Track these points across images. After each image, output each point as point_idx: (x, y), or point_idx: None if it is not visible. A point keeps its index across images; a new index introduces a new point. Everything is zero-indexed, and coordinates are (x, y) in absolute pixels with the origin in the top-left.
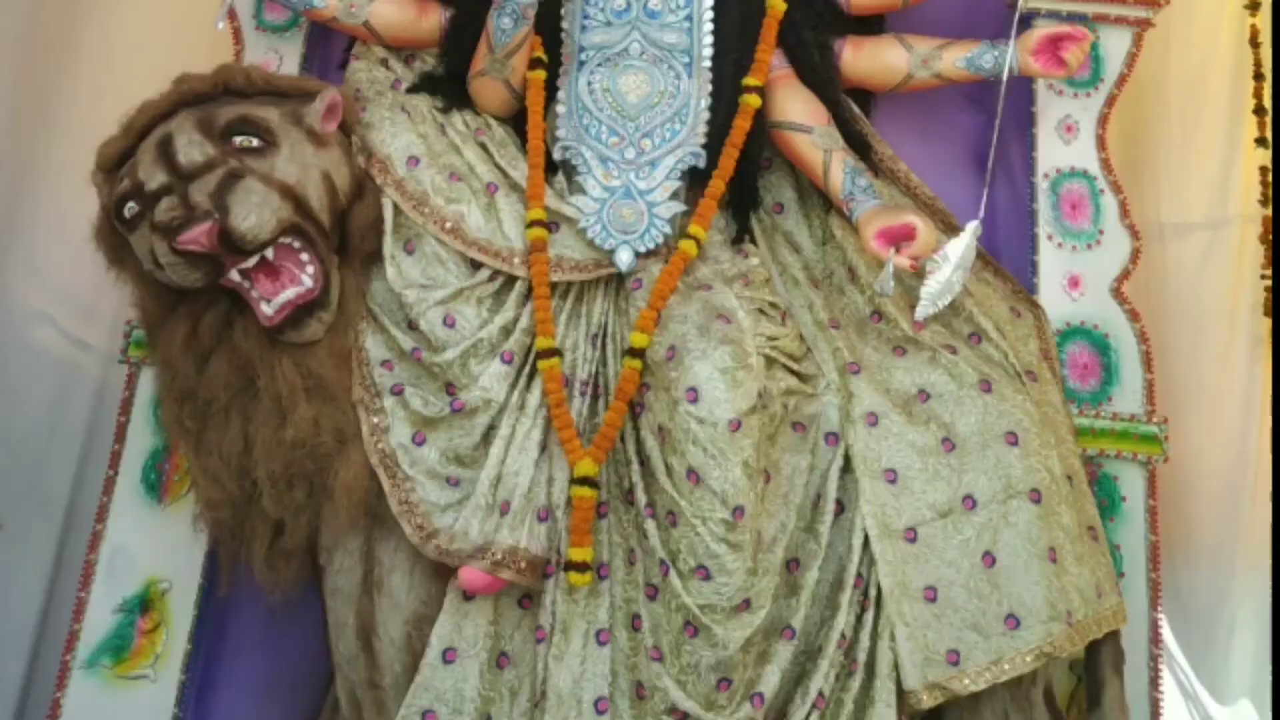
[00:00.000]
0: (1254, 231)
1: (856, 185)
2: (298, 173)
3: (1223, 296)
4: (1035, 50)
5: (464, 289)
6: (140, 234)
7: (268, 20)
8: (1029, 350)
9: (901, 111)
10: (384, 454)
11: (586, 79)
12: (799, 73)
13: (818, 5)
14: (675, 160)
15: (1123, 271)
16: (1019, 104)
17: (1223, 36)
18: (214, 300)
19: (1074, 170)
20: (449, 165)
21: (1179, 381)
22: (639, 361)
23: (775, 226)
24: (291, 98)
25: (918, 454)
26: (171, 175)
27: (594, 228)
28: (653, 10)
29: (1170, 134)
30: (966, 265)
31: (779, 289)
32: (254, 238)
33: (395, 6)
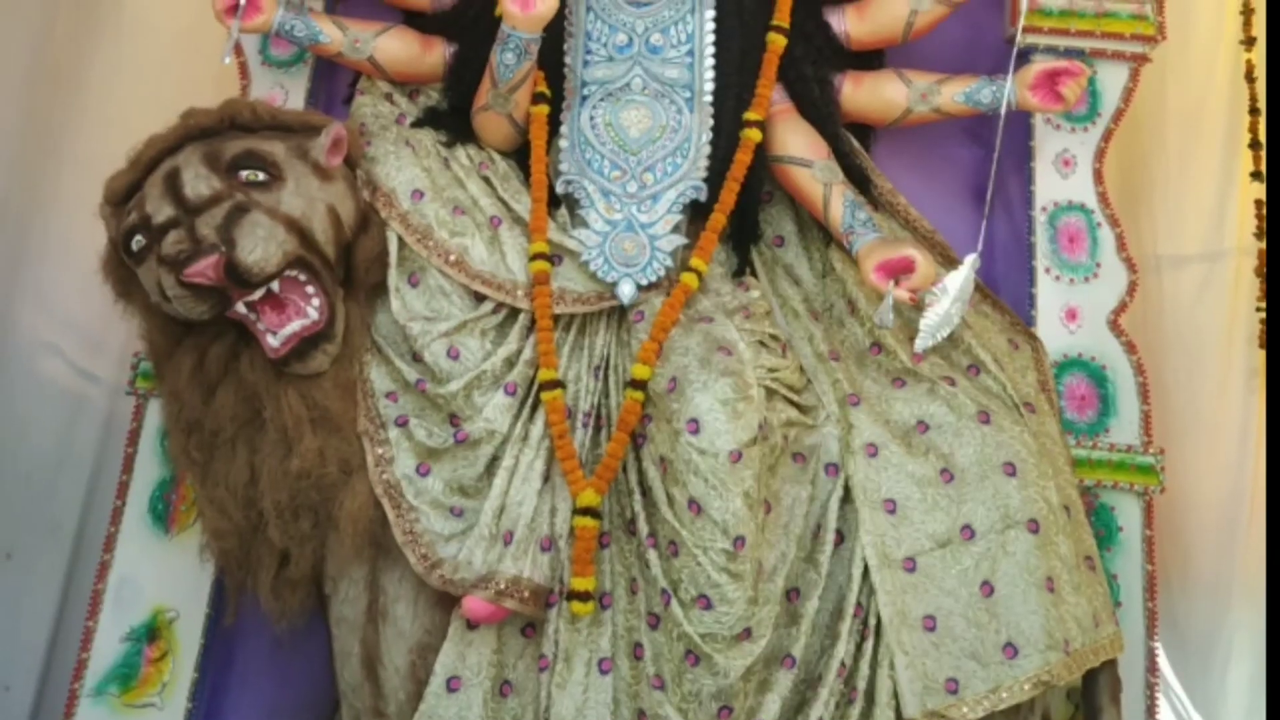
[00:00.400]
0: (1249, 264)
1: (856, 218)
2: (303, 206)
3: (1219, 329)
4: (1033, 85)
5: (468, 321)
6: (148, 267)
7: (273, 55)
8: (1027, 382)
9: (901, 145)
10: (389, 485)
11: (589, 113)
12: (799, 107)
13: (818, 41)
14: (677, 194)
15: (1120, 304)
16: (1017, 138)
17: (1219, 72)
18: (220, 332)
19: (1071, 204)
20: (453, 199)
21: (1175, 413)
22: (641, 393)
23: (776, 259)
24: (297, 132)
25: (917, 484)
26: (178, 209)
27: (596, 261)
28: (654, 46)
29: (1167, 168)
30: (965, 298)
31: (779, 321)
32: (260, 270)
33: (400, 42)
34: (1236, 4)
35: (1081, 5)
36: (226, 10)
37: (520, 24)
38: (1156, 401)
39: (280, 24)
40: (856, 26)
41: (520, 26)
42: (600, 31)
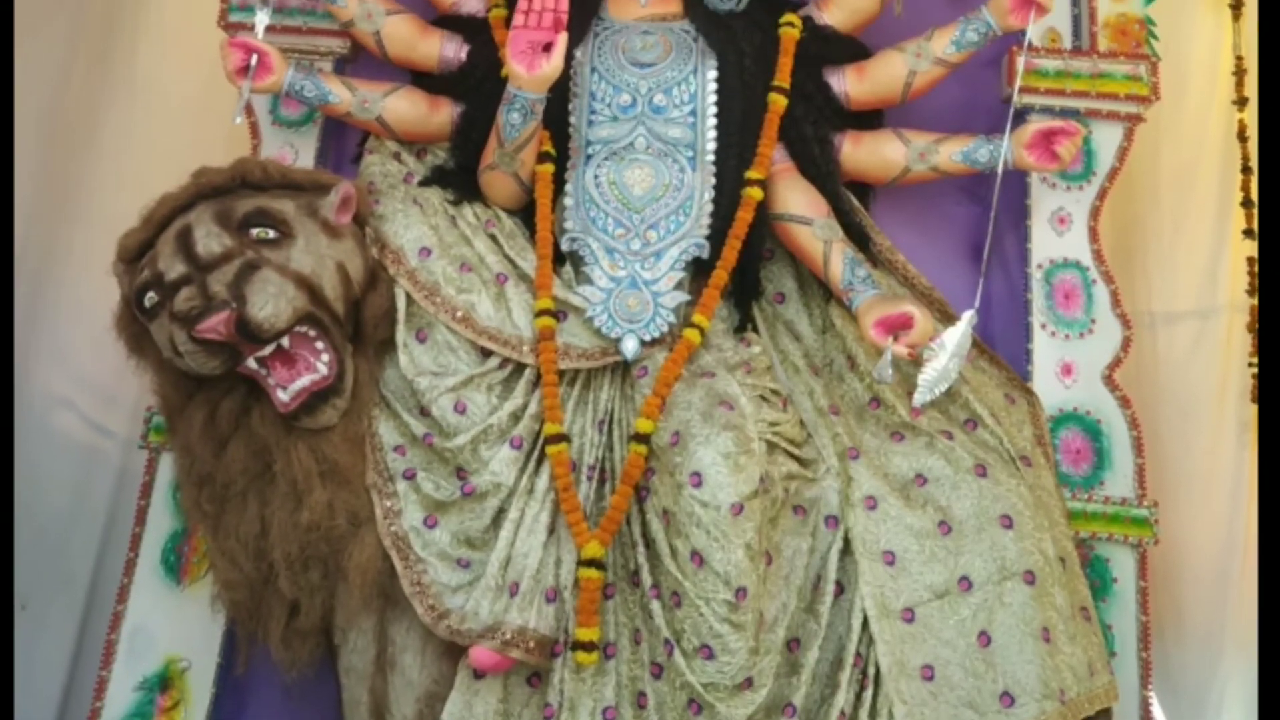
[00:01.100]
0: (1241, 321)
1: (856, 275)
2: (313, 263)
3: (1211, 384)
4: (1029, 144)
5: (474, 376)
6: (160, 323)
7: (284, 115)
8: (1023, 436)
9: (900, 203)
10: (396, 536)
11: (593, 172)
12: (800, 166)
13: (818, 101)
14: (679, 251)
15: (1114, 359)
16: (1014, 196)
17: (1211, 131)
18: (231, 387)
19: (1067, 261)
20: (460, 256)
21: (1169, 466)
22: (644, 447)
23: (777, 315)
24: (307, 190)
25: (915, 536)
26: (190, 266)
27: (601, 317)
28: (658, 106)
29: (1161, 226)
30: (962, 353)
31: (780, 376)
32: (270, 326)
33: (407, 102)
34: (1229, 65)
35: (1077, 66)
36: (237, 71)
37: (526, 84)
38: (1150, 455)
39: (290, 84)
40: (856, 87)
41: (526, 87)
42: (605, 92)
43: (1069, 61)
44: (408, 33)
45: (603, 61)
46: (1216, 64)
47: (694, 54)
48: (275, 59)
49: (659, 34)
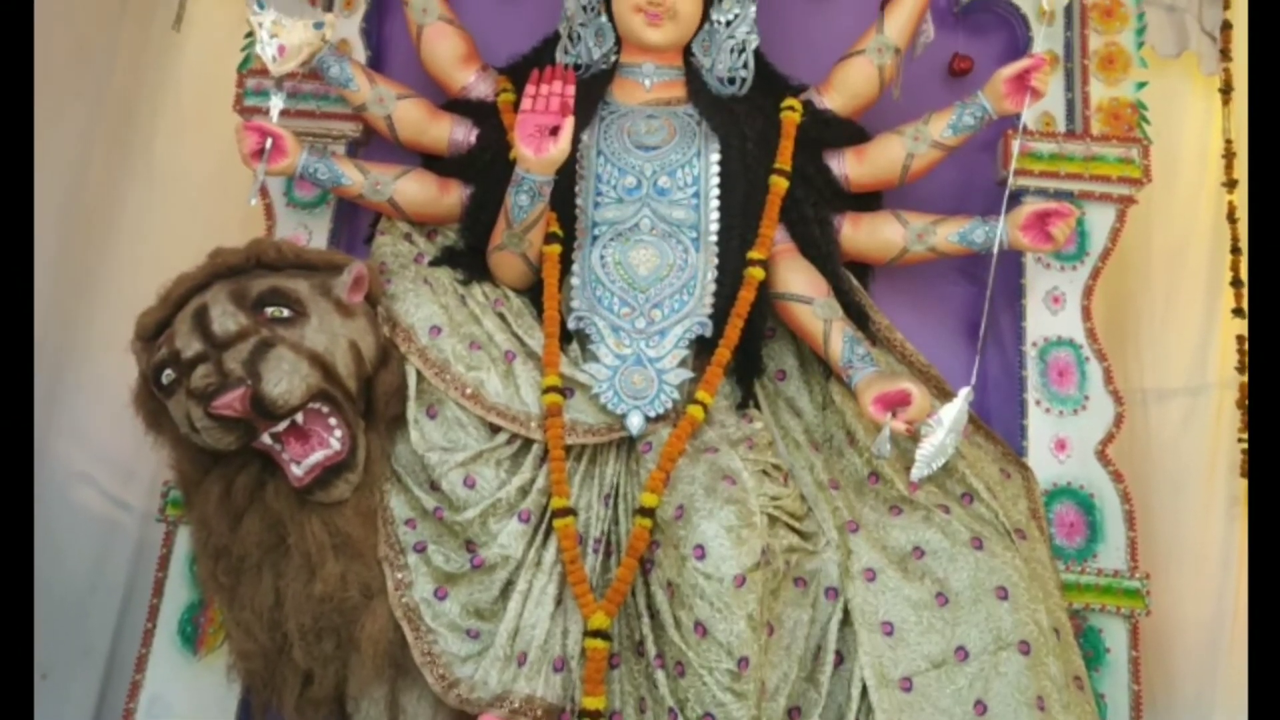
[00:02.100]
0: (1231, 397)
1: (855, 353)
2: (326, 341)
3: (1202, 459)
4: (1024, 226)
5: (483, 451)
6: (177, 399)
7: (298, 197)
8: (1018, 509)
9: (898, 283)
10: (408, 608)
11: (599, 253)
12: (800, 247)
13: (818, 183)
14: (683, 330)
15: (1107, 435)
16: (1009, 276)
17: (1202, 213)
18: (246, 462)
19: (1061, 339)
20: (469, 334)
21: (1160, 539)
22: (649, 520)
23: (778, 392)
24: (320, 270)
25: (913, 608)
26: (206, 344)
27: (606, 394)
28: (662, 188)
29: (1152, 305)
30: (959, 429)
31: (781, 451)
32: (284, 403)
33: (418, 184)
34: (1219, 148)
35: (1071, 149)
36: (253, 154)
37: (534, 167)
38: (1142, 528)
39: (304, 167)
40: (855, 170)
41: (534, 169)
42: (610, 174)
43: (1063, 145)
44: (418, 117)
45: (609, 145)
46: (1207, 147)
47: (697, 137)
48: (289, 142)
49: (663, 118)
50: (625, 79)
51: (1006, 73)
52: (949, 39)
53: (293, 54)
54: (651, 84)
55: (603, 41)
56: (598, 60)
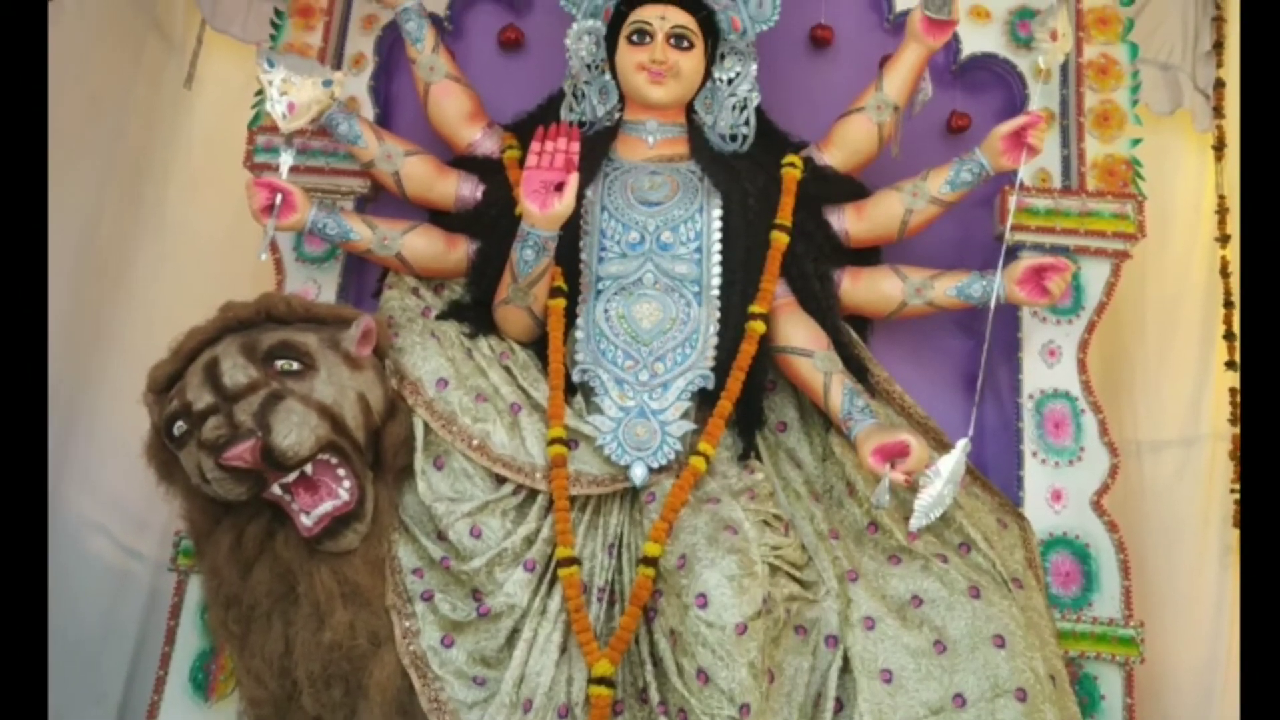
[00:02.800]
0: (1224, 449)
1: (854, 405)
2: (335, 394)
3: (1195, 509)
4: (1021, 280)
5: (490, 502)
6: (188, 451)
7: (307, 252)
8: (1015, 559)
9: (896, 336)
10: (415, 655)
11: (603, 307)
12: (801, 301)
13: (818, 238)
14: (686, 382)
15: (1102, 486)
16: (1006, 330)
17: (1195, 267)
18: (257, 512)
19: (1057, 391)
20: (475, 387)
21: (1154, 588)
22: (652, 569)
23: (779, 444)
24: (329, 324)
25: (911, 655)
26: (217, 396)
27: (610, 445)
28: (665, 243)
29: (1147, 358)
30: (957, 480)
31: (782, 502)
32: (294, 454)
33: (425, 240)
34: (1212, 204)
35: (1066, 205)
36: (263, 210)
37: (539, 222)
38: (1136, 577)
39: (313, 222)
40: (855, 225)
41: (539, 225)
42: (614, 229)
43: (1059, 201)
44: (426, 173)
45: (612, 200)
46: (1200, 203)
47: (700, 193)
48: (299, 198)
49: (666, 174)
50: (629, 136)
51: (1003, 130)
52: (947, 96)
53: (302, 111)
54: (654, 141)
55: (607, 99)
56: (602, 117)
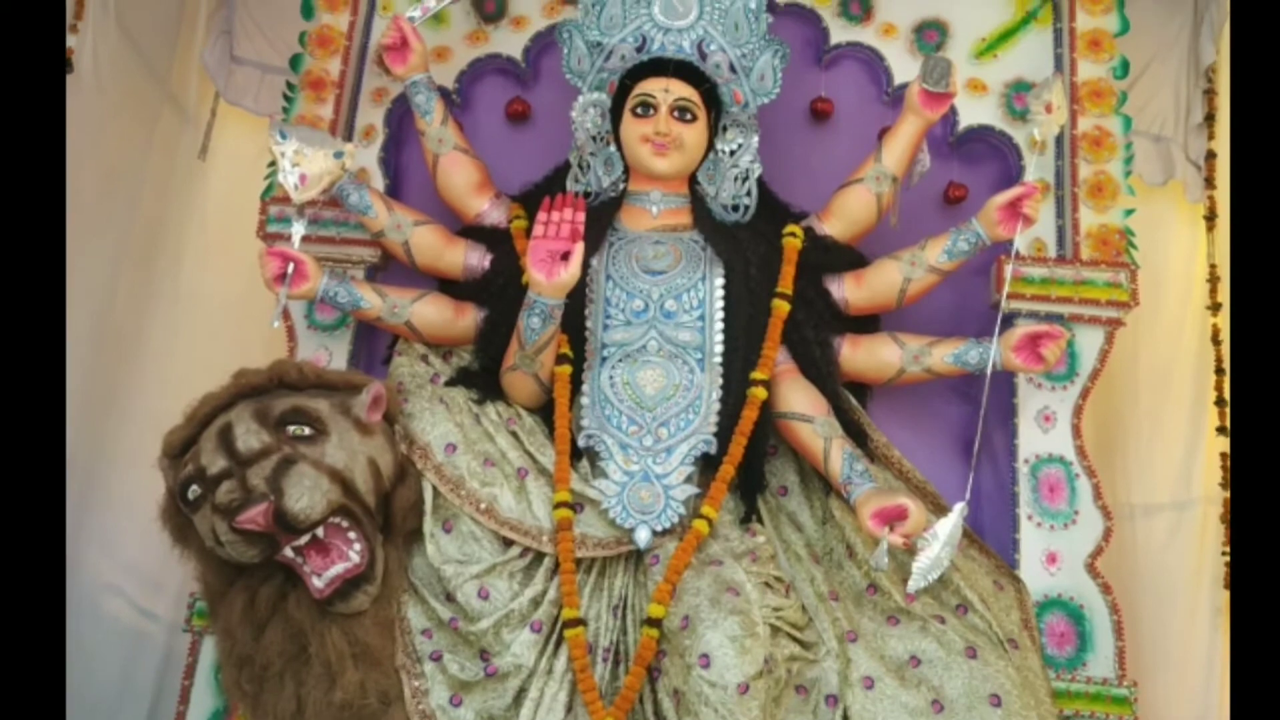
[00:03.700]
0: (1215, 512)
1: (854, 470)
2: (346, 459)
3: (1187, 571)
4: (1016, 347)
5: (497, 564)
6: (203, 514)
7: (318, 319)
8: (1011, 620)
9: (895, 402)
10: (424, 715)
11: (608, 373)
12: (801, 367)
13: (818, 306)
14: (689, 447)
15: (1096, 548)
16: (1002, 396)
17: (1187, 335)
18: (270, 574)
19: (1052, 456)
20: (483, 452)
21: (1147, 647)
22: (656, 630)
23: (780, 507)
24: (340, 390)
25: (910, 715)
26: (231, 461)
27: (615, 509)
28: (668, 311)
29: (1139, 423)
30: (954, 543)
31: (783, 564)
32: (306, 518)
33: (434, 308)
34: (1204, 273)
35: (1061, 274)
36: (275, 278)
37: (545, 291)
38: (1130, 638)
39: (324, 291)
40: (854, 293)
41: (545, 293)
42: (619, 298)
43: (1054, 269)
44: (434, 242)
45: (617, 269)
46: (1192, 272)
47: (702, 262)
48: (311, 267)
49: (670, 244)
50: (633, 206)
51: (999, 200)
52: (944, 168)
53: (314, 182)
54: (658, 211)
55: (611, 170)
56: (607, 188)
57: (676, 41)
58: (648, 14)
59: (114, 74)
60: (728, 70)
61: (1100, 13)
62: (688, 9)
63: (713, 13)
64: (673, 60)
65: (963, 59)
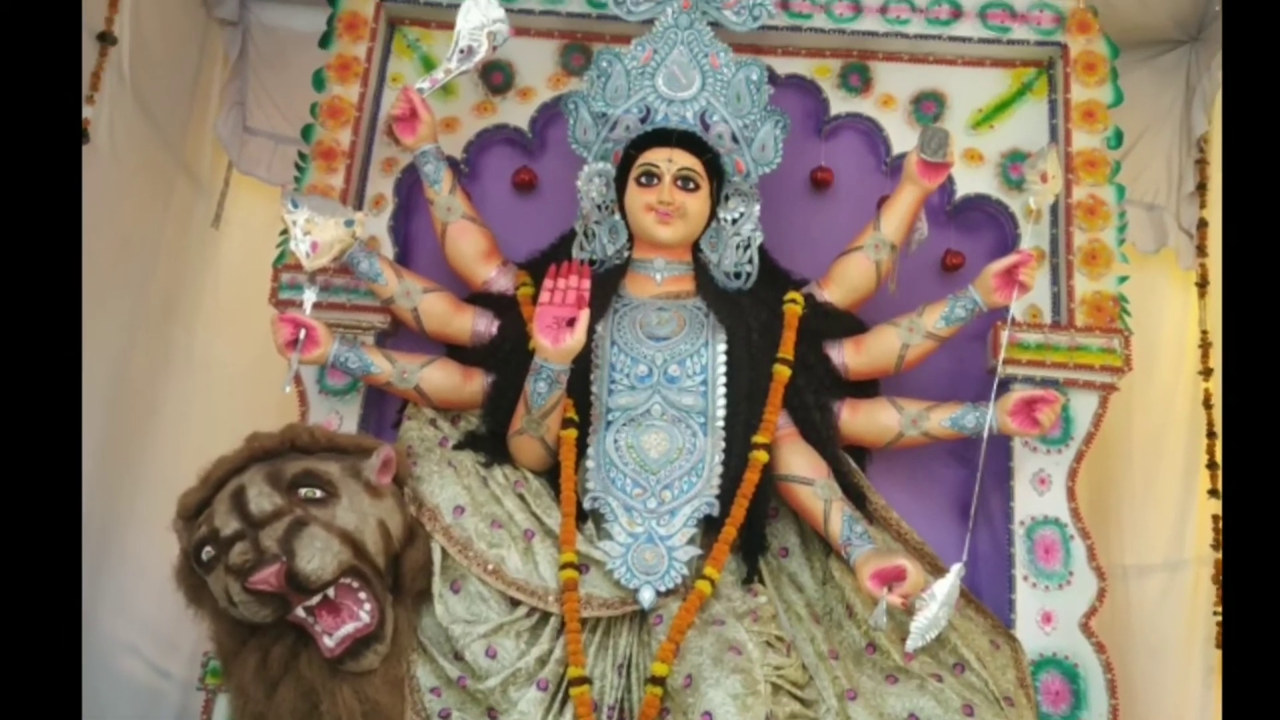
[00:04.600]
0: (1207, 573)
1: (853, 531)
2: (356, 521)
3: (1179, 630)
4: (1012, 411)
5: (504, 624)
6: (216, 575)
7: (329, 384)
8: (1007, 679)
9: (893, 465)
10: None
11: (613, 437)
12: (802, 431)
13: (819, 371)
14: (692, 509)
15: (1090, 608)
16: (998, 459)
17: (1180, 399)
18: (282, 634)
19: (1047, 518)
20: (491, 514)
21: (1140, 706)
22: (660, 689)
23: (781, 568)
24: (351, 453)
25: None
26: (244, 523)
27: (620, 570)
28: (672, 376)
29: (1133, 486)
30: (951, 603)
31: (784, 624)
32: (317, 579)
33: (443, 373)
34: (1195, 339)
35: (1056, 340)
36: (287, 344)
37: (552, 356)
38: (1123, 696)
39: (335, 357)
40: (854, 359)
41: (551, 359)
42: (623, 363)
43: (1049, 335)
44: (443, 309)
45: (622, 335)
46: (1184, 338)
47: (705, 328)
48: (322, 333)
49: (673, 310)
50: (637, 273)
51: (996, 268)
52: (942, 236)
53: (325, 250)
54: (662, 278)
55: (616, 238)
56: (611, 256)
57: (680, 112)
58: (651, 85)
59: (129, 144)
60: (730, 140)
61: (1094, 84)
62: (691, 80)
63: (715, 84)
64: (676, 131)
65: (960, 130)
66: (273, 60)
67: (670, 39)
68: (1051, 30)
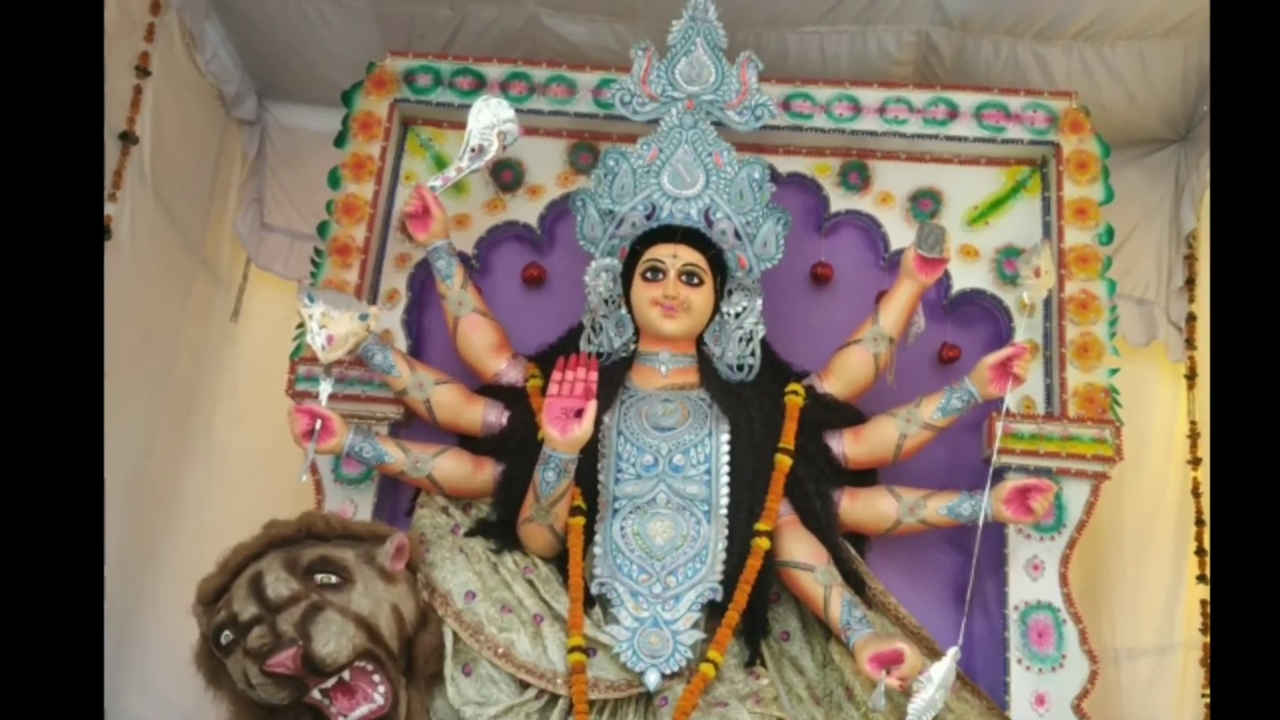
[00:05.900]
0: (1195, 656)
1: (852, 616)
2: (371, 606)
3: (1169, 712)
4: (1007, 500)
5: (514, 706)
6: (235, 658)
7: (345, 474)
8: None
9: (891, 552)
10: None
11: (620, 524)
12: (802, 519)
13: (819, 461)
14: (696, 595)
15: (1082, 690)
16: (993, 546)
17: (1169, 488)
18: (298, 715)
19: (1040, 603)
20: (501, 599)
21: None
22: None
23: (783, 651)
24: (365, 540)
25: None
26: (261, 607)
27: (626, 653)
28: (676, 465)
29: (1124, 571)
30: (948, 685)
31: (785, 706)
32: (333, 662)
33: (455, 463)
34: (1184, 429)
35: (1049, 430)
36: (303, 434)
37: (560, 446)
38: None
39: (350, 446)
40: (853, 449)
41: (559, 448)
42: (630, 453)
43: (1042, 426)
44: (455, 400)
45: (628, 425)
46: (1173, 428)
47: (709, 419)
48: (337, 424)
49: (678, 401)
50: (643, 366)
51: (991, 360)
52: (939, 329)
53: (340, 343)
54: (667, 370)
55: (623, 332)
56: (618, 349)
57: (684, 209)
58: (657, 184)
59: (150, 240)
60: (733, 237)
61: (1086, 182)
62: (695, 179)
63: (719, 182)
64: (681, 227)
65: (956, 226)
66: (289, 159)
67: (675, 138)
68: (1045, 130)
